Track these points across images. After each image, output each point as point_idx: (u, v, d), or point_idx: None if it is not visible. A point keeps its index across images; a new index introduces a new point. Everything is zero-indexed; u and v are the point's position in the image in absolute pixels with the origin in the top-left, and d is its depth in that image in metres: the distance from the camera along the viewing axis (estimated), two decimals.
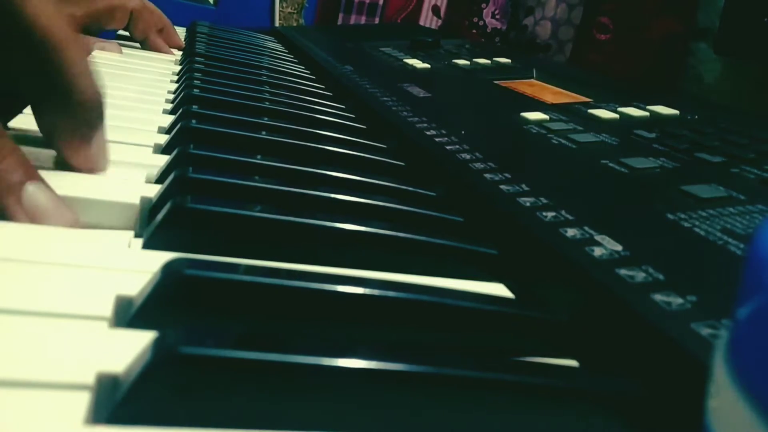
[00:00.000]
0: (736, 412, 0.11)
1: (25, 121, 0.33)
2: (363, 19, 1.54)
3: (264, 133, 0.39)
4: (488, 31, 1.16)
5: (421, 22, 1.40)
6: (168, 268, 0.20)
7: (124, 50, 0.65)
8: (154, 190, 0.29)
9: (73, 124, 0.29)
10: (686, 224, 0.27)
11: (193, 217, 0.25)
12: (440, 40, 0.77)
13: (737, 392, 0.11)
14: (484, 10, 1.18)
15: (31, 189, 0.25)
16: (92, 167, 0.30)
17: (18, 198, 0.25)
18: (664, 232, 0.27)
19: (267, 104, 0.48)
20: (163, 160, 0.33)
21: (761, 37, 0.69)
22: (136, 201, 0.28)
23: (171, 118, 0.42)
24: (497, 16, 1.15)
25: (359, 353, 0.17)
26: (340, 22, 1.55)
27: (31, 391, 0.16)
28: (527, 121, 0.44)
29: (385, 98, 0.50)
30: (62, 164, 0.30)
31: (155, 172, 0.32)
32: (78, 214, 0.26)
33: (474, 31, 1.17)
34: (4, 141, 0.25)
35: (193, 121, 0.38)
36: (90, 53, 0.60)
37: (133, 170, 0.32)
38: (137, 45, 0.72)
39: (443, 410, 0.18)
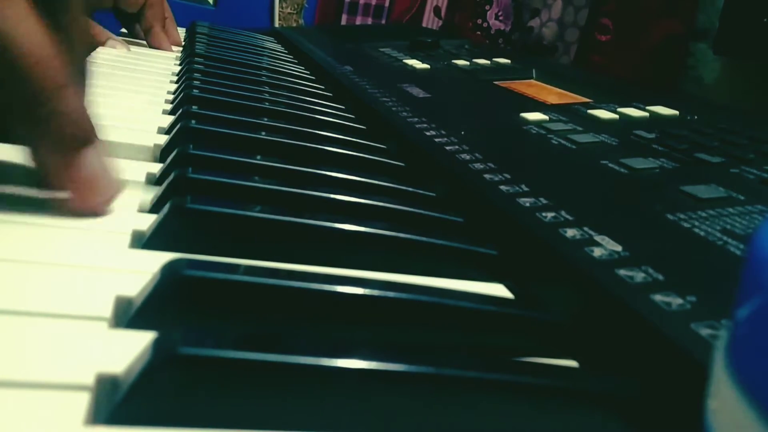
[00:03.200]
0: (735, 412, 0.11)
1: None
2: (369, 21, 1.54)
3: (264, 133, 0.39)
4: (492, 32, 1.16)
5: (424, 24, 1.40)
6: (168, 269, 0.20)
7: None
8: (153, 191, 0.29)
9: (50, 146, 0.24)
10: (686, 225, 0.27)
11: (193, 218, 0.25)
12: (439, 41, 0.78)
13: (737, 392, 0.11)
14: (488, 12, 1.18)
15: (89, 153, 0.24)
16: (82, 205, 0.25)
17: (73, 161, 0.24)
18: (664, 233, 0.27)
19: (267, 105, 0.48)
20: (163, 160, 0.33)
21: (761, 38, 0.69)
22: (136, 201, 0.28)
23: (171, 118, 0.42)
24: (500, 18, 1.15)
25: (359, 354, 0.17)
26: (344, 23, 1.55)
27: (31, 392, 0.16)
28: (527, 122, 0.44)
29: (384, 99, 0.50)
30: None
31: (155, 172, 0.32)
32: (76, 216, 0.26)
33: (478, 32, 1.17)
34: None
35: (193, 121, 0.38)
36: (99, 45, 0.60)
37: (132, 170, 0.32)
38: (137, 44, 0.72)
39: (443, 410, 0.18)
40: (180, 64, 0.65)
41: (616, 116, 0.45)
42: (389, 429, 0.17)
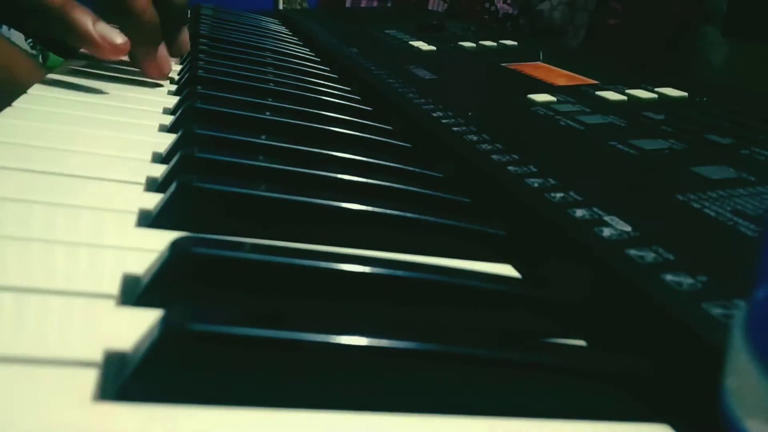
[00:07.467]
0: (756, 389, 0.11)
1: None
2: (375, 5, 1.53)
3: (269, 113, 0.39)
4: (500, 16, 1.15)
5: (430, 7, 1.39)
6: (175, 247, 0.20)
7: None
8: (159, 170, 0.29)
9: (138, 41, 0.43)
10: (696, 205, 0.27)
11: (200, 196, 0.25)
12: (446, 23, 0.77)
13: (758, 370, 0.11)
14: None
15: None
16: (160, 73, 0.46)
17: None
18: (674, 213, 0.26)
19: (272, 86, 0.48)
20: (169, 140, 0.33)
21: None
22: (142, 180, 0.28)
23: (176, 98, 0.42)
24: (508, 1, 1.14)
25: (367, 331, 0.17)
26: (348, 6, 1.54)
27: (39, 368, 0.16)
28: (534, 103, 0.43)
29: (391, 80, 0.50)
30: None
31: (161, 151, 0.32)
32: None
33: (486, 16, 1.17)
34: None
35: (199, 101, 0.37)
36: None
37: (138, 150, 0.32)
38: None
39: (451, 388, 0.18)
40: None
41: (625, 98, 0.44)
42: (399, 407, 0.17)
